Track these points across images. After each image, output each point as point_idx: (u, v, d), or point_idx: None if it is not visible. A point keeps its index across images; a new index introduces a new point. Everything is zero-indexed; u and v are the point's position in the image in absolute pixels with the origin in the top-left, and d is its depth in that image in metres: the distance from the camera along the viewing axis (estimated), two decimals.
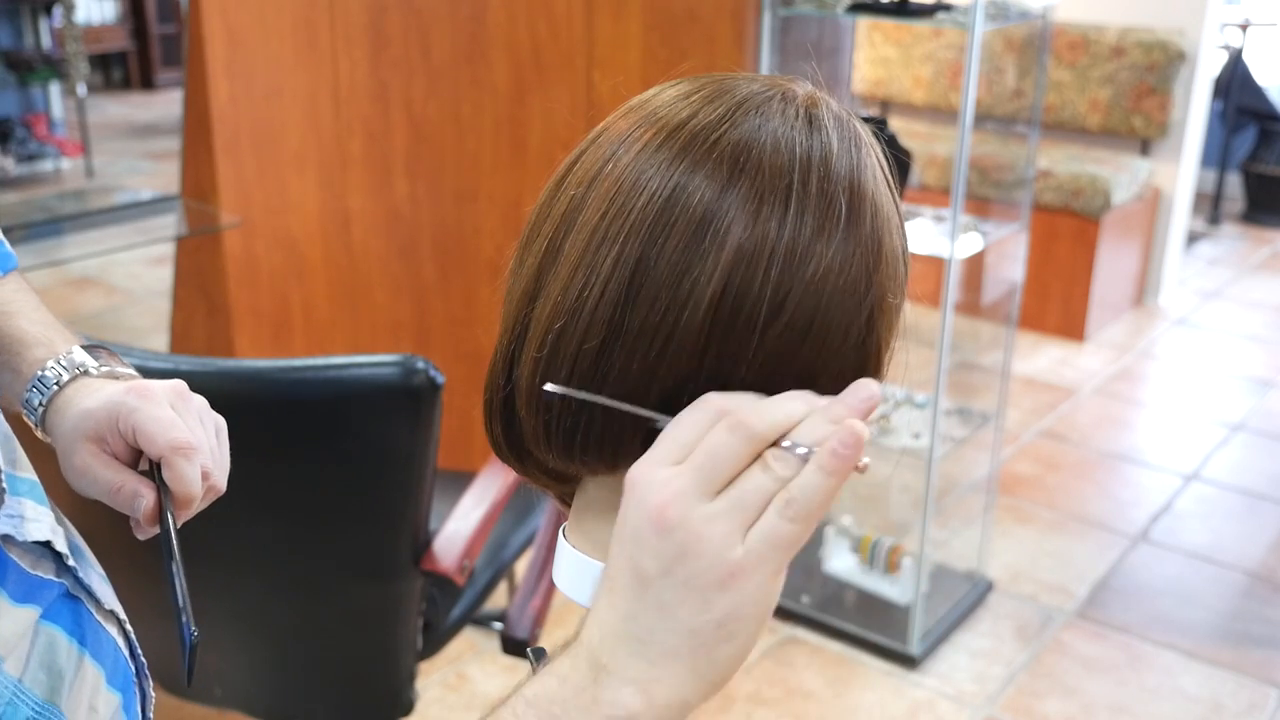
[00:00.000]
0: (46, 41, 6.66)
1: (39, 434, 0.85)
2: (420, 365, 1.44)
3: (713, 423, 0.53)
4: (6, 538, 0.68)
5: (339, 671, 1.71)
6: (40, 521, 0.72)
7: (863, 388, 0.53)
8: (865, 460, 0.52)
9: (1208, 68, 4.57)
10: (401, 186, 2.79)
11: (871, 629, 2.58)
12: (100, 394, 0.82)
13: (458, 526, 1.66)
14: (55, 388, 0.83)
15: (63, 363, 0.84)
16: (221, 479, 0.86)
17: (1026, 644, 2.63)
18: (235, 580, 1.60)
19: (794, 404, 0.53)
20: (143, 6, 8.52)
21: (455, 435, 1.94)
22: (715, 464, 0.51)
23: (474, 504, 1.71)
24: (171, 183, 2.81)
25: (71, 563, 0.73)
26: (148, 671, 0.83)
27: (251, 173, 2.88)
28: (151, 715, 0.84)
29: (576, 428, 0.59)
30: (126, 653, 0.79)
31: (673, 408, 0.56)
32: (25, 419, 0.84)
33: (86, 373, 0.84)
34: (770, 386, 0.56)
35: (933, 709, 2.41)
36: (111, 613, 0.77)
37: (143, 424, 0.80)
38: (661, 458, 0.53)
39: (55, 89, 6.66)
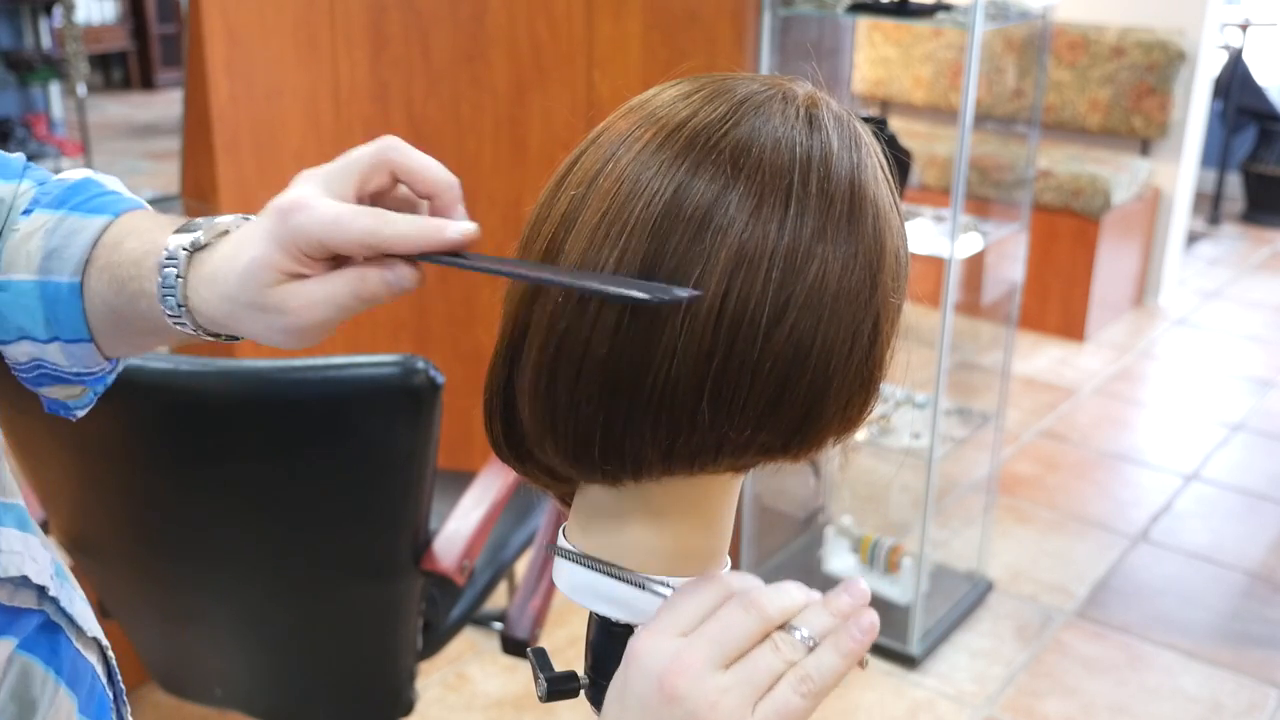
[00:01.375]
0: (46, 41, 6.66)
1: (206, 338, 0.72)
2: (420, 365, 1.44)
3: (720, 599, 0.55)
4: None
5: (339, 671, 1.71)
6: (21, 554, 0.69)
7: (855, 585, 0.56)
8: (867, 658, 0.56)
9: (1208, 68, 4.57)
10: (402, 187, 2.79)
11: None
12: (246, 244, 0.67)
13: (458, 526, 1.66)
14: (180, 280, 0.69)
15: (171, 253, 0.70)
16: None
17: (1026, 644, 2.63)
18: (235, 580, 1.60)
19: (797, 592, 0.57)
20: (143, 6, 8.51)
21: (455, 435, 1.94)
22: (728, 639, 0.53)
23: (474, 504, 1.71)
24: (171, 183, 2.81)
25: (54, 593, 0.70)
26: (126, 699, 0.80)
27: (251, 173, 2.88)
28: None
29: (593, 438, 0.59)
30: (105, 679, 0.77)
31: (689, 418, 0.56)
32: (186, 331, 0.72)
33: (196, 246, 0.70)
34: (780, 401, 0.56)
35: (933, 709, 2.41)
36: (94, 640, 0.75)
37: (326, 233, 0.65)
38: (667, 628, 0.54)
39: (55, 89, 6.66)
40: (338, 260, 0.66)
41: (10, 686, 0.66)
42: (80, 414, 0.82)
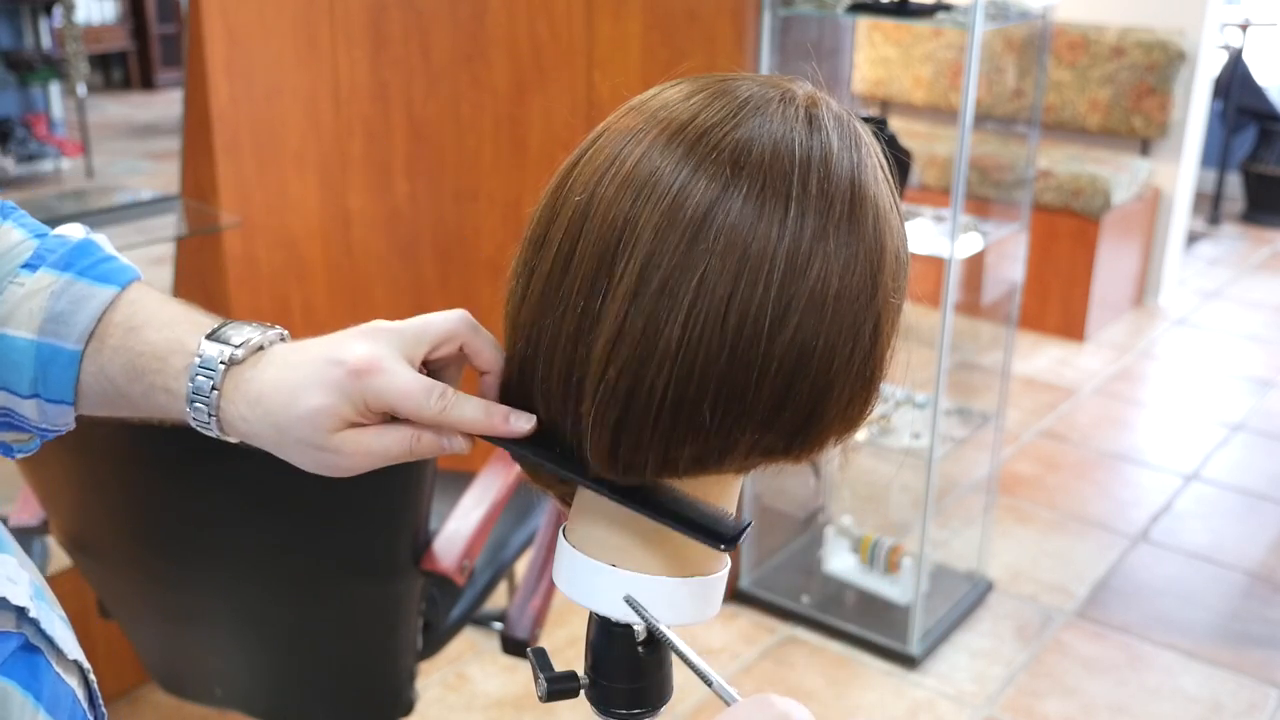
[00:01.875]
0: (46, 41, 6.66)
1: (225, 438, 0.76)
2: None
3: None
4: None
5: (339, 671, 1.71)
6: None
7: None
8: None
9: (1208, 68, 4.57)
10: (401, 186, 2.79)
11: (871, 629, 2.58)
12: (310, 387, 0.71)
13: (458, 526, 1.66)
14: (215, 393, 0.73)
15: (206, 365, 0.73)
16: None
17: (1026, 644, 2.63)
18: (235, 580, 1.60)
19: None
20: (143, 6, 8.51)
21: None
22: None
23: (474, 504, 1.71)
24: (171, 183, 2.81)
25: (33, 614, 0.68)
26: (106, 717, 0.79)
27: (251, 173, 2.88)
28: None
29: (619, 443, 0.59)
30: (86, 704, 0.74)
31: (693, 421, 0.56)
32: (205, 433, 0.76)
33: (233, 361, 0.73)
34: (784, 402, 0.57)
35: (933, 709, 2.41)
36: (74, 663, 0.73)
37: (394, 402, 0.69)
38: None
39: (55, 89, 6.66)
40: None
41: None
42: (19, 456, 0.83)
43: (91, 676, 0.74)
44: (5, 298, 0.76)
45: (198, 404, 0.73)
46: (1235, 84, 5.62)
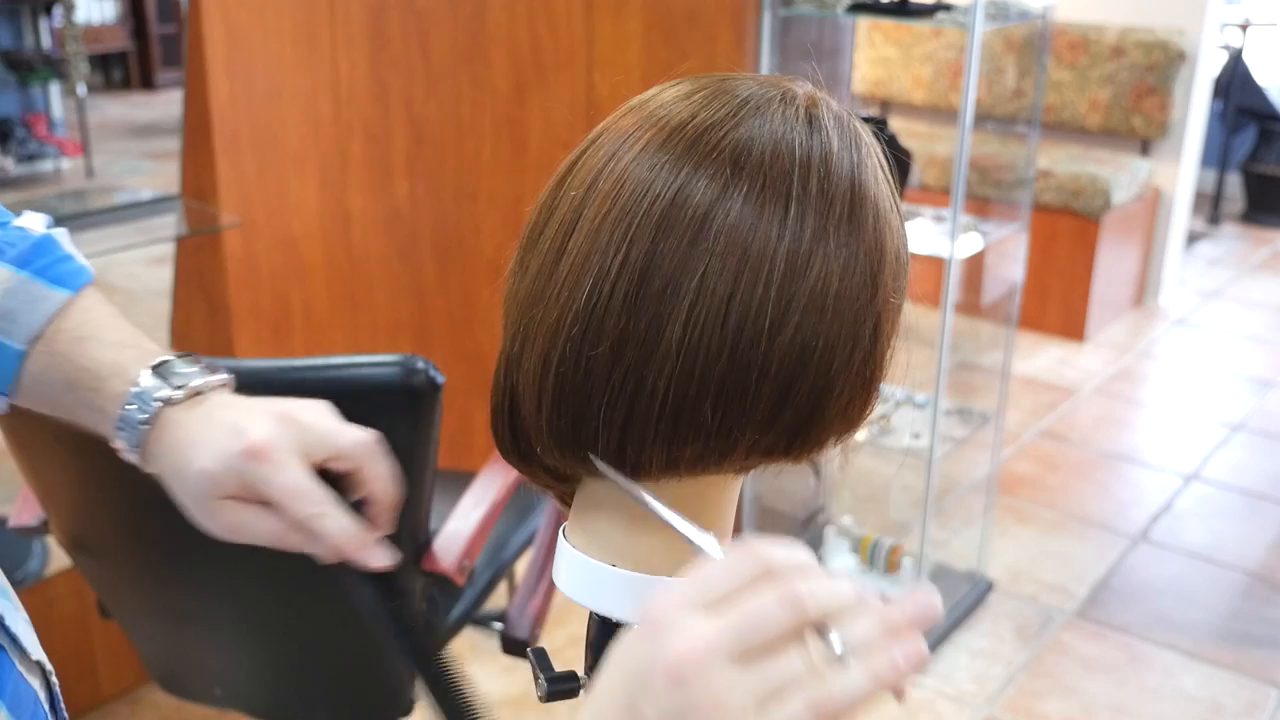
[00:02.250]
0: (46, 41, 6.66)
1: (146, 469, 0.79)
2: (420, 365, 1.44)
3: (755, 577, 0.49)
4: None
5: (339, 671, 1.71)
6: None
7: (926, 598, 0.50)
8: (904, 688, 0.49)
9: (1208, 68, 4.57)
10: (401, 186, 2.79)
11: None
12: (208, 443, 0.75)
13: (458, 526, 1.66)
14: (145, 426, 0.76)
15: (143, 397, 0.76)
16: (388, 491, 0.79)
17: (1026, 644, 2.63)
18: (235, 580, 1.60)
19: (847, 589, 0.49)
20: (143, 6, 8.50)
21: (455, 435, 1.94)
22: (755, 631, 0.47)
23: (474, 504, 1.71)
24: (171, 183, 2.81)
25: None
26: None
27: (251, 173, 2.88)
28: None
29: (625, 443, 0.58)
30: (47, 706, 0.74)
31: (694, 421, 0.56)
32: (126, 458, 0.78)
33: (170, 402, 0.76)
34: (784, 402, 0.56)
35: (933, 709, 2.41)
36: (37, 663, 0.72)
37: (272, 495, 0.73)
38: (693, 601, 0.48)
39: (55, 89, 6.66)
40: None
41: None
42: None
43: (54, 679, 0.74)
44: None
45: (125, 432, 0.76)
46: (1235, 84, 5.62)
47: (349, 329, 2.94)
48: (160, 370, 0.77)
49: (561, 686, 0.64)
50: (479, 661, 2.48)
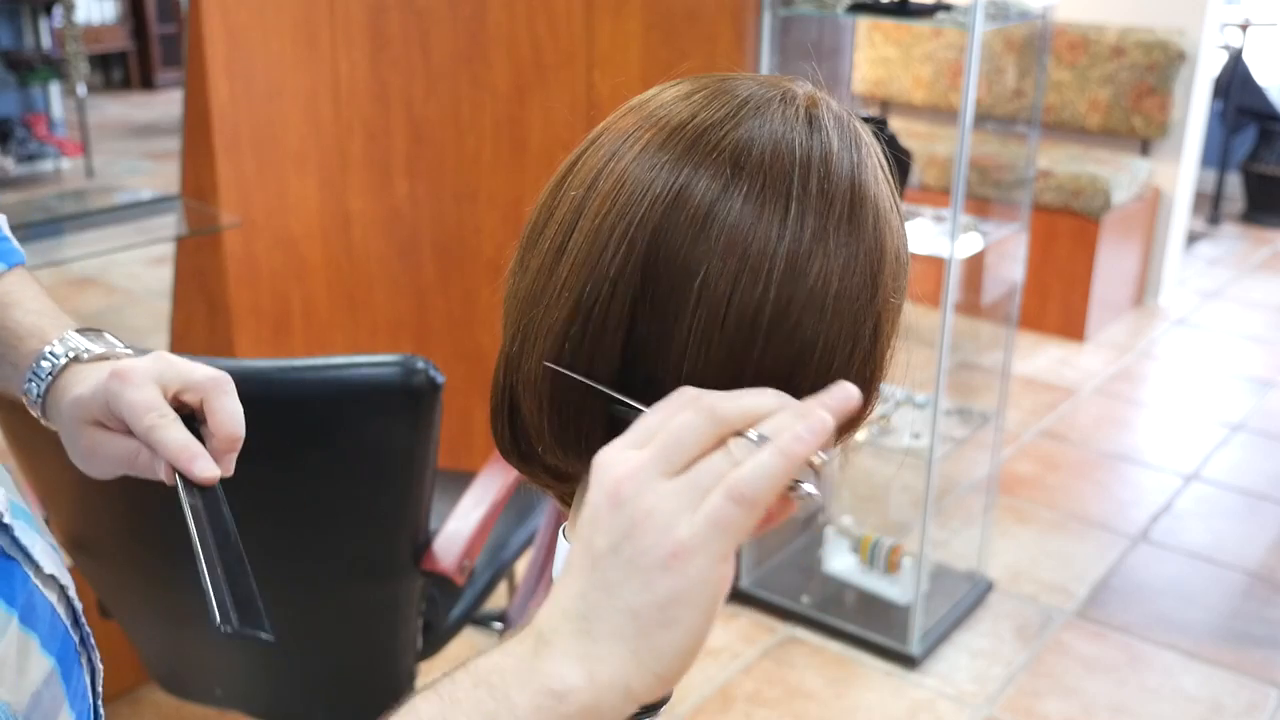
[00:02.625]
0: (46, 41, 6.65)
1: (44, 423, 0.86)
2: (420, 365, 1.44)
3: (681, 407, 0.52)
4: None
5: (339, 671, 1.71)
6: None
7: (841, 389, 0.52)
8: (823, 457, 0.51)
9: (1208, 68, 4.57)
10: (401, 186, 2.79)
11: (871, 629, 2.58)
12: (89, 380, 0.82)
13: (458, 526, 1.66)
14: (49, 377, 0.84)
15: (55, 352, 0.84)
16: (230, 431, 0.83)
17: (1026, 644, 2.63)
18: None
19: (765, 397, 0.52)
20: (143, 6, 8.49)
21: (455, 435, 1.94)
22: (677, 444, 0.50)
23: (474, 504, 1.71)
24: (171, 183, 2.81)
25: (8, 520, 0.73)
26: (94, 643, 0.82)
27: (251, 173, 2.88)
28: (101, 690, 0.83)
29: (599, 439, 0.59)
30: (69, 621, 0.78)
31: None
32: (30, 410, 0.85)
33: (78, 358, 0.84)
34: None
35: (933, 709, 2.41)
36: (51, 577, 0.77)
37: (123, 410, 0.79)
38: (629, 441, 0.52)
39: (55, 89, 6.66)
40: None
41: None
42: None
43: (72, 594, 0.78)
44: None
45: (32, 383, 0.84)
46: (1235, 84, 5.62)
47: (349, 329, 2.94)
48: (73, 336, 0.85)
49: None
50: None
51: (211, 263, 2.94)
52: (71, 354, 0.84)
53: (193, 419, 0.81)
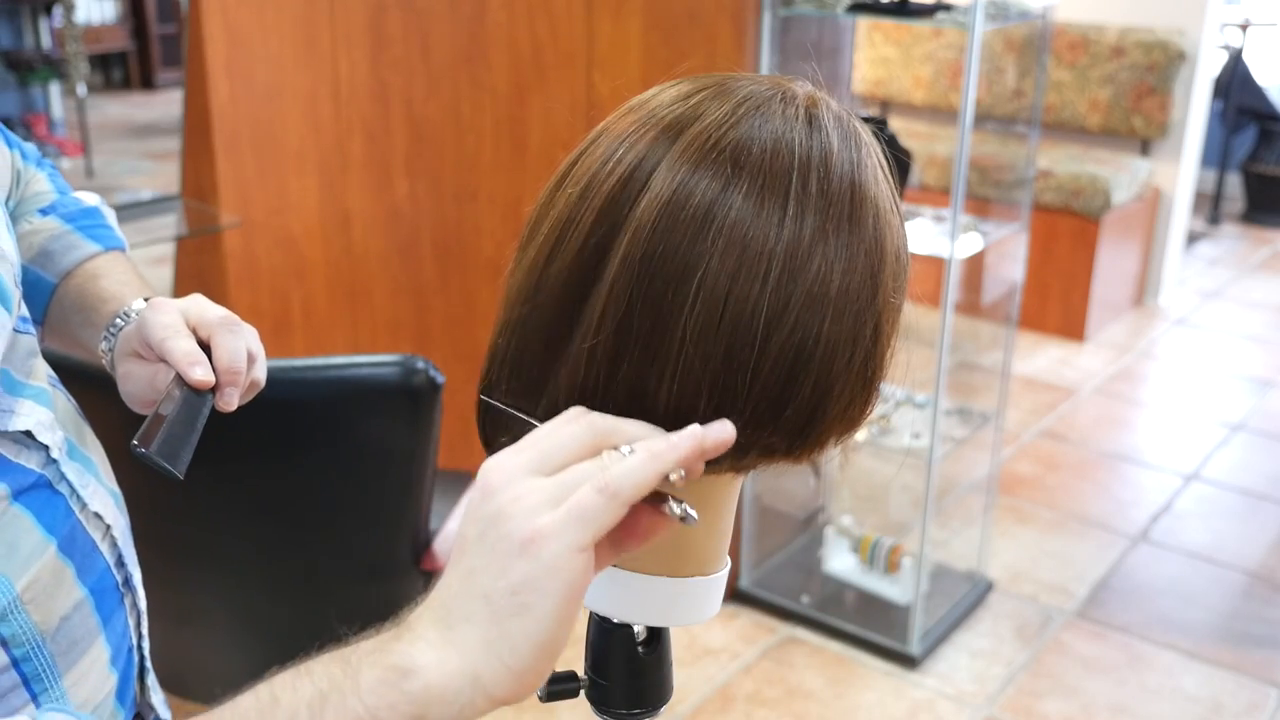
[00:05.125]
0: (46, 41, 6.65)
1: (113, 372, 0.92)
2: (420, 365, 1.44)
3: (564, 419, 0.55)
4: None
5: None
6: (30, 416, 0.78)
7: (723, 425, 0.54)
8: (680, 474, 0.53)
9: (1208, 68, 4.57)
10: (401, 186, 2.79)
11: (871, 629, 2.58)
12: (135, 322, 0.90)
13: (458, 526, 1.66)
14: (120, 333, 0.91)
15: (128, 311, 0.91)
16: (249, 370, 0.90)
17: (1026, 644, 2.63)
18: (235, 580, 1.60)
19: (643, 426, 0.55)
20: (143, 6, 8.50)
21: (455, 435, 1.94)
22: (554, 448, 0.53)
23: None
24: (171, 183, 2.81)
25: (56, 456, 0.78)
26: (138, 585, 0.90)
27: (251, 173, 2.88)
28: (146, 633, 0.92)
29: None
30: (111, 560, 0.84)
31: (691, 418, 0.56)
32: (106, 368, 0.92)
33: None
34: (783, 402, 0.56)
35: (933, 709, 2.41)
36: (97, 515, 0.82)
37: (147, 329, 0.86)
38: (514, 448, 0.54)
39: (55, 89, 6.66)
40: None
41: None
42: None
43: (116, 534, 0.85)
44: (17, 230, 0.95)
45: (107, 337, 0.91)
46: (1235, 84, 5.62)
47: (349, 329, 2.94)
48: (147, 300, 0.92)
49: (561, 686, 0.64)
50: None
51: (211, 263, 2.94)
52: (138, 313, 0.91)
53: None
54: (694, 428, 0.53)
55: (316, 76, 2.77)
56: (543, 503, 0.51)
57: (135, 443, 0.77)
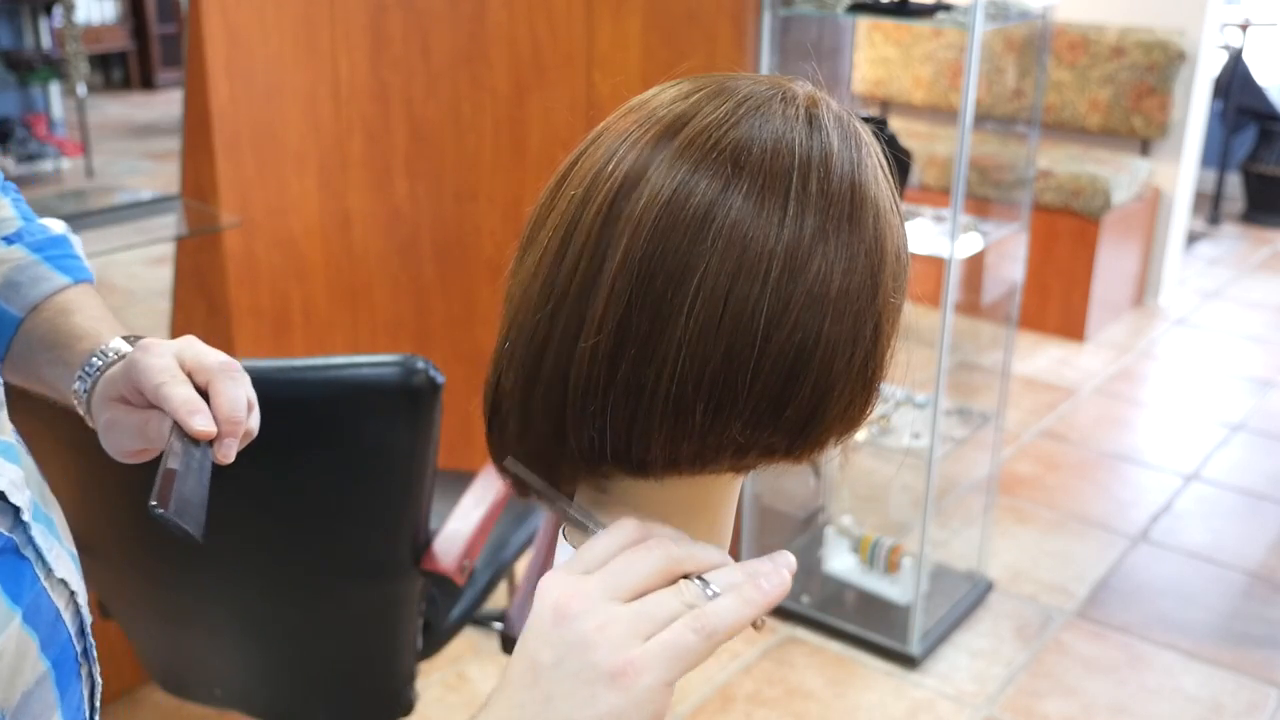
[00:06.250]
0: (46, 41, 6.65)
1: (89, 422, 0.88)
2: (420, 365, 1.44)
3: (630, 543, 0.54)
4: None
5: (339, 671, 1.71)
6: (3, 476, 0.73)
7: (783, 558, 0.55)
8: (764, 620, 0.54)
9: (1208, 68, 4.57)
10: (401, 186, 2.79)
11: (871, 629, 2.58)
12: (120, 366, 0.86)
13: (458, 526, 1.66)
14: (98, 374, 0.86)
15: (105, 350, 0.87)
16: (240, 416, 0.87)
17: (1026, 644, 2.63)
18: (235, 581, 1.60)
19: (714, 552, 0.55)
20: (143, 6, 8.50)
21: (455, 435, 1.94)
22: (628, 574, 0.52)
23: (474, 504, 1.71)
24: (171, 183, 2.81)
25: (26, 519, 0.74)
26: (96, 656, 0.83)
27: (251, 173, 2.88)
28: (100, 705, 0.84)
29: (631, 442, 0.58)
30: (74, 629, 0.79)
31: (693, 419, 0.56)
32: (77, 409, 0.88)
33: (123, 357, 0.86)
34: (784, 402, 0.56)
35: (933, 709, 2.41)
36: (62, 582, 0.78)
37: (139, 374, 0.82)
38: (574, 566, 0.53)
39: (55, 89, 6.65)
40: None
41: None
42: None
43: (81, 602, 0.80)
44: None
45: (82, 377, 0.86)
46: (1235, 84, 5.62)
47: (349, 329, 2.94)
48: (126, 339, 0.88)
49: None
50: (479, 661, 2.48)
51: (211, 262, 2.94)
52: (118, 354, 0.87)
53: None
54: (782, 573, 0.54)
55: (316, 76, 2.77)
56: (629, 634, 0.50)
57: (154, 503, 0.74)
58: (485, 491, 1.74)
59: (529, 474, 0.61)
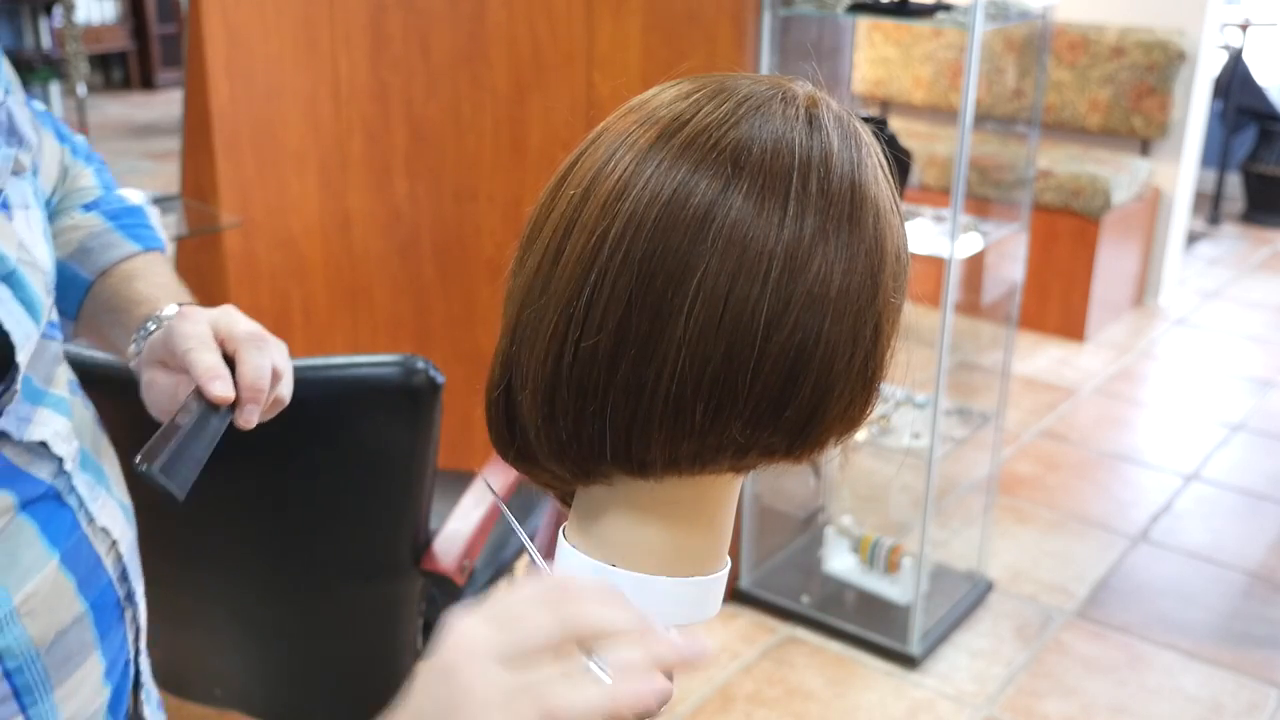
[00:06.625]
0: (46, 41, 6.66)
1: (139, 375, 0.92)
2: (420, 365, 1.44)
3: (541, 600, 0.52)
4: (3, 434, 0.75)
5: (339, 671, 1.71)
6: (47, 426, 0.78)
7: (697, 641, 0.53)
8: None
9: (1208, 68, 4.57)
10: (401, 186, 2.79)
11: (871, 629, 2.58)
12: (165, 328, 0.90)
13: (458, 526, 1.66)
14: (153, 335, 0.90)
15: (160, 315, 0.91)
16: (274, 388, 0.90)
17: (1026, 644, 2.63)
18: (235, 580, 1.60)
19: (625, 614, 0.52)
20: (143, 6, 8.51)
21: (455, 435, 1.94)
22: (524, 638, 0.51)
23: (474, 504, 1.71)
24: (171, 183, 2.81)
25: (69, 468, 0.78)
26: (140, 601, 0.89)
27: (251, 173, 2.88)
28: (144, 648, 0.89)
29: (599, 440, 0.58)
30: (114, 574, 0.84)
31: (693, 419, 0.56)
32: (132, 368, 0.92)
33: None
34: (784, 402, 0.56)
35: (933, 709, 2.41)
36: (104, 530, 0.82)
37: (174, 339, 0.86)
38: (484, 613, 0.52)
39: (55, 89, 6.66)
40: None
41: None
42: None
43: (122, 549, 0.86)
44: (59, 224, 0.97)
45: (136, 340, 0.91)
46: (1235, 84, 5.62)
47: (349, 329, 2.94)
48: (181, 306, 0.92)
49: None
50: None
51: (211, 263, 2.94)
52: (170, 318, 0.90)
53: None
54: (668, 653, 0.51)
55: (316, 76, 2.77)
56: (495, 703, 0.49)
57: (138, 459, 0.76)
58: (485, 491, 1.74)
59: (498, 497, 0.64)
